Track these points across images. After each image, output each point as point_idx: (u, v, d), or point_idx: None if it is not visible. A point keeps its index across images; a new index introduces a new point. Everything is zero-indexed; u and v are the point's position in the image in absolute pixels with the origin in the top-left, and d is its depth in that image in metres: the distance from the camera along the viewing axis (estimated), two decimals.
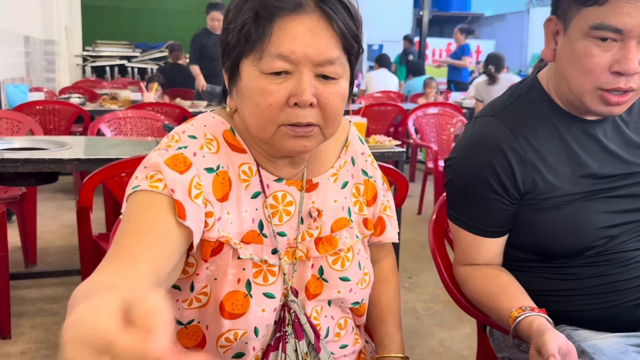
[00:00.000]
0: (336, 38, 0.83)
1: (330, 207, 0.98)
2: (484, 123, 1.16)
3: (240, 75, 0.85)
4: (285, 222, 0.94)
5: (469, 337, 2.51)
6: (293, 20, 0.80)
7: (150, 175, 0.82)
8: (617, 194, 1.12)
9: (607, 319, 1.11)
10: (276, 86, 0.81)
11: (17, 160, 2.11)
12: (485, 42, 13.13)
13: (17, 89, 4.41)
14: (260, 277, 0.90)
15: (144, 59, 11.31)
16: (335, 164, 1.02)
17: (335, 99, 0.84)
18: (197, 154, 0.86)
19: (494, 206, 1.13)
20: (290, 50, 0.80)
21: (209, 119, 0.94)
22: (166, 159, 0.83)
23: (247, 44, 0.82)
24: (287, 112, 0.82)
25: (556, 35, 1.10)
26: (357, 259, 0.99)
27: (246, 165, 0.92)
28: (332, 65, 0.83)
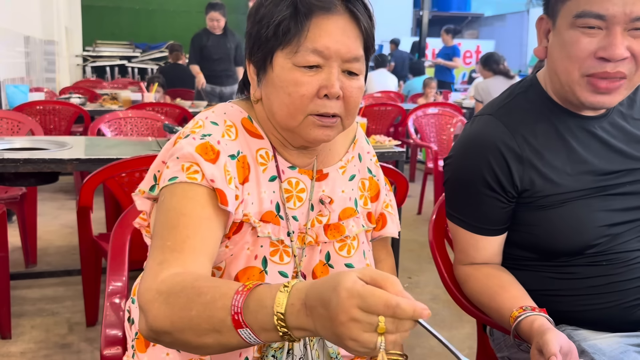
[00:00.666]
0: (361, 38, 0.92)
1: (338, 196, 1.04)
2: (482, 122, 1.16)
3: (272, 66, 0.91)
4: (297, 208, 0.99)
5: (469, 337, 2.51)
6: (328, 19, 0.89)
7: (187, 167, 0.87)
8: (618, 191, 1.12)
9: (608, 319, 1.11)
10: (309, 78, 0.89)
11: (18, 160, 2.12)
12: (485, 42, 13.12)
13: (17, 89, 4.41)
14: (277, 256, 0.95)
15: (144, 59, 11.31)
16: (344, 157, 1.08)
17: (357, 92, 0.93)
18: (221, 142, 0.92)
19: (491, 204, 1.13)
20: (325, 46, 0.88)
21: (228, 108, 1.00)
22: (197, 148, 0.88)
23: (284, 38, 0.89)
24: (317, 102, 0.90)
25: (547, 34, 1.11)
26: (362, 247, 1.05)
27: (263, 150, 0.98)
28: (357, 62, 0.91)
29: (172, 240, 0.82)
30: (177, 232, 0.82)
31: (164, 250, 0.81)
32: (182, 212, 0.84)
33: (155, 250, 0.83)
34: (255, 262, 0.93)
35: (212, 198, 0.86)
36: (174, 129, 2.76)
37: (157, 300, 0.74)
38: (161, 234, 0.84)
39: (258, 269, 0.93)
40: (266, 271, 0.93)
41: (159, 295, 0.74)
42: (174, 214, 0.84)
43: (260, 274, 0.92)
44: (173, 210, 0.85)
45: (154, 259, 0.81)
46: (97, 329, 2.43)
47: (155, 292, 0.75)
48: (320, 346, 0.97)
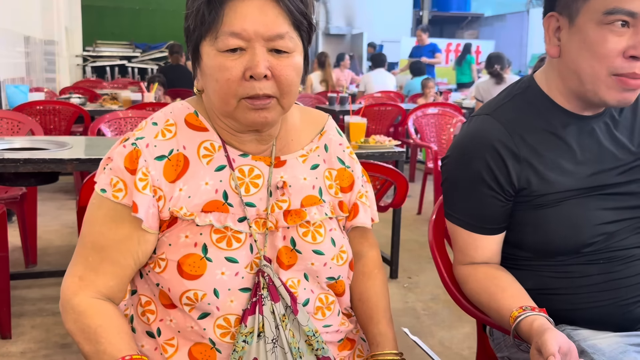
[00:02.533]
0: (284, 15, 0.90)
1: (299, 183, 1.03)
2: (479, 121, 1.16)
3: (201, 56, 0.93)
4: (253, 194, 0.99)
5: (468, 337, 2.51)
6: (242, 2, 0.89)
7: (114, 182, 0.94)
8: (614, 191, 1.12)
9: (607, 317, 1.11)
10: (232, 62, 0.89)
11: (18, 160, 2.12)
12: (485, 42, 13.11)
13: (17, 89, 4.42)
14: (224, 242, 0.95)
15: (144, 59, 11.32)
16: (306, 147, 1.08)
17: (288, 70, 0.91)
18: (150, 144, 0.95)
19: (490, 203, 1.13)
20: (242, 27, 0.88)
21: (176, 105, 1.03)
22: (125, 158, 0.94)
23: (203, 27, 0.90)
24: (245, 85, 0.90)
25: (557, 32, 1.10)
26: (329, 235, 1.03)
27: (208, 142, 0.99)
28: (281, 39, 0.90)
29: (92, 258, 0.95)
30: (96, 253, 0.95)
31: (85, 266, 0.95)
32: (103, 233, 0.95)
33: (80, 257, 0.96)
34: (195, 249, 0.94)
35: (128, 213, 0.93)
36: None
37: (69, 314, 0.94)
38: (84, 243, 0.96)
39: (199, 256, 0.93)
40: (208, 258, 0.93)
41: (72, 312, 0.93)
42: (98, 233, 0.95)
43: (202, 261, 0.93)
44: (97, 226, 0.95)
45: (77, 267, 0.96)
46: None
47: (70, 309, 0.94)
48: (294, 326, 0.98)
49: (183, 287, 0.93)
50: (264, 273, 0.96)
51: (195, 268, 0.93)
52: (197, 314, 0.95)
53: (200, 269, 0.93)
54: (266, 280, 0.96)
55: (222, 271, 0.94)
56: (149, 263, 0.98)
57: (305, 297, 1.00)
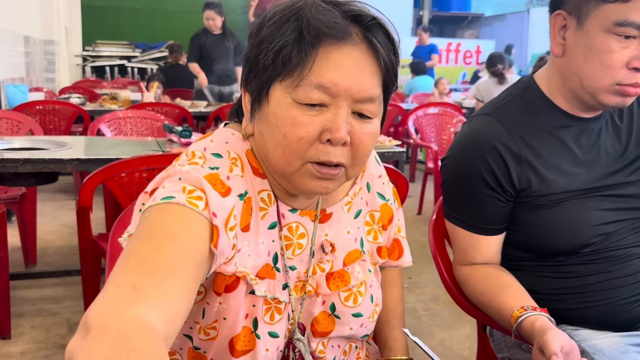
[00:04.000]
0: (379, 74, 0.77)
1: (343, 239, 0.92)
2: (480, 121, 1.16)
3: (268, 99, 0.77)
4: (296, 256, 0.87)
5: (469, 337, 2.51)
6: (339, 50, 0.74)
7: (189, 190, 0.72)
8: (612, 192, 1.12)
9: (606, 316, 1.12)
10: (310, 118, 0.74)
11: (17, 160, 2.11)
12: (485, 42, 13.11)
13: (17, 89, 4.41)
14: (268, 315, 0.84)
15: (144, 59, 11.31)
16: (350, 191, 0.95)
17: (369, 139, 0.78)
18: (230, 177, 0.78)
19: (490, 203, 1.13)
20: (333, 81, 0.74)
21: (228, 135, 0.86)
22: (205, 175, 0.74)
23: (283, 67, 0.74)
24: (318, 148, 0.75)
25: (563, 30, 1.09)
26: (369, 292, 0.94)
27: (265, 193, 0.84)
28: (372, 103, 0.77)
29: (153, 262, 0.64)
30: (161, 256, 0.65)
31: (141, 271, 0.63)
32: (172, 233, 0.67)
33: (128, 266, 0.64)
34: (246, 322, 0.82)
35: (208, 234, 0.71)
36: (173, 129, 2.76)
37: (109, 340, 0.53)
38: (139, 250, 0.66)
39: (249, 329, 0.82)
40: (257, 334, 0.83)
41: (117, 334, 0.54)
42: (162, 233, 0.67)
43: (252, 335, 0.82)
44: (161, 228, 0.67)
45: (126, 276, 0.62)
46: None
47: (115, 330, 0.54)
48: None
49: None
50: (295, 347, 0.87)
51: (245, 343, 0.83)
52: None
53: (250, 344, 0.83)
54: (296, 355, 0.88)
55: (267, 347, 0.84)
56: (194, 321, 0.83)
57: (332, 355, 0.94)
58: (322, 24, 0.73)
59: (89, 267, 2.28)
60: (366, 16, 0.76)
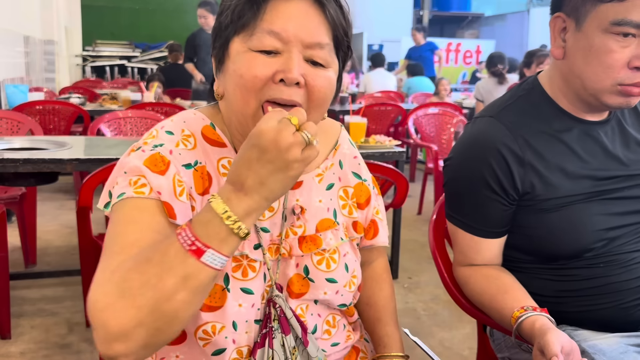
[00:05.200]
0: (327, 26, 0.85)
1: (315, 206, 0.97)
2: (483, 123, 1.15)
3: (229, 54, 0.85)
4: (267, 218, 0.93)
5: (469, 337, 2.51)
6: (287, 2, 0.83)
7: (134, 180, 0.81)
8: (616, 195, 1.12)
9: (606, 320, 1.11)
10: (263, 61, 0.82)
11: (17, 160, 2.11)
12: (485, 42, 13.11)
13: (17, 89, 4.41)
14: (240, 272, 0.88)
15: (144, 59, 11.31)
16: (322, 165, 1.01)
17: (323, 82, 0.84)
18: (173, 151, 0.86)
19: (493, 206, 1.12)
20: (282, 27, 0.81)
21: (189, 115, 0.94)
22: (145, 160, 0.83)
23: (239, 21, 0.83)
24: (272, 87, 0.82)
25: (563, 32, 1.09)
26: (343, 260, 0.97)
27: (226, 160, 0.91)
28: (321, 49, 0.84)
29: (118, 245, 0.76)
30: (124, 238, 0.77)
31: (111, 257, 0.75)
32: (129, 220, 0.79)
33: (101, 263, 0.76)
34: (217, 279, 0.83)
35: (161, 212, 0.81)
36: None
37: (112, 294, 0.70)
38: (107, 244, 0.78)
39: (220, 286, 0.86)
40: (228, 289, 0.86)
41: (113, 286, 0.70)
42: (122, 224, 0.79)
43: (223, 292, 0.86)
44: (120, 221, 0.80)
45: (100, 270, 0.75)
46: None
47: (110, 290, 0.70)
48: (304, 357, 0.93)
49: (200, 320, 0.85)
50: (275, 304, 0.91)
51: (215, 299, 0.86)
52: (212, 349, 0.88)
53: (220, 300, 0.86)
54: (277, 311, 0.91)
55: (239, 303, 0.87)
56: None
57: (313, 323, 0.96)
58: None
59: (88, 267, 2.28)
60: None
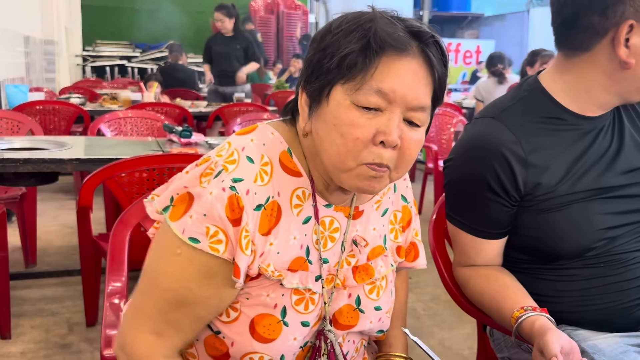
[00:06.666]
0: (432, 86, 0.83)
1: (370, 235, 0.97)
2: (485, 124, 1.15)
3: (328, 100, 0.82)
4: (329, 249, 0.92)
5: (469, 337, 2.51)
6: (400, 60, 0.79)
7: (212, 233, 0.80)
8: (617, 194, 1.11)
9: (607, 320, 1.11)
10: (366, 120, 0.79)
11: (17, 160, 2.11)
12: (485, 42, 13.10)
13: (17, 89, 4.41)
14: (302, 305, 0.88)
15: (144, 59, 11.31)
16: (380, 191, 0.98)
17: (415, 145, 0.83)
18: (250, 191, 0.83)
19: (494, 208, 1.12)
20: (391, 88, 0.79)
21: (267, 136, 0.90)
22: (226, 207, 0.80)
23: (348, 71, 0.79)
24: (371, 149, 0.80)
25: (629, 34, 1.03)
26: (389, 287, 0.99)
27: (300, 190, 0.89)
28: (422, 112, 0.82)
29: (173, 314, 0.83)
30: (179, 309, 0.83)
31: (165, 320, 0.84)
32: (192, 289, 0.82)
33: (155, 312, 0.84)
34: (274, 311, 0.86)
35: (229, 272, 0.82)
36: (173, 129, 2.76)
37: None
38: (164, 297, 0.83)
39: (276, 318, 0.86)
40: (285, 322, 0.86)
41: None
42: (185, 289, 0.82)
43: (278, 324, 0.86)
44: (185, 282, 0.82)
45: (150, 319, 0.84)
46: (97, 329, 2.42)
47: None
48: None
49: (250, 347, 0.86)
50: (326, 338, 0.91)
51: (269, 331, 0.86)
52: None
53: (275, 332, 0.86)
54: (328, 346, 0.91)
55: (295, 336, 0.87)
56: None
57: (346, 350, 0.97)
58: (388, 36, 0.79)
59: (89, 267, 2.28)
60: (425, 33, 0.82)
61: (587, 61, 1.09)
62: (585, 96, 1.12)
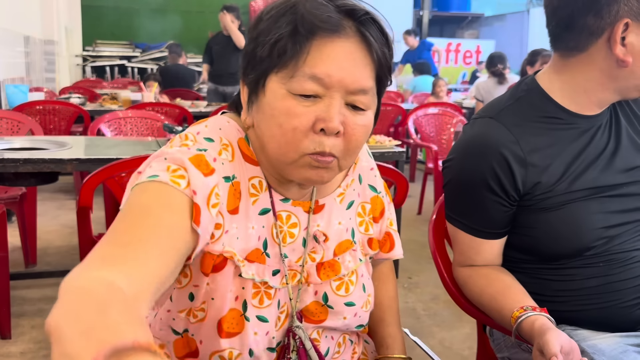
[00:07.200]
0: (372, 67, 0.79)
1: (334, 229, 0.94)
2: (483, 124, 1.15)
3: (264, 91, 0.79)
4: (288, 244, 0.89)
5: (469, 337, 2.51)
6: (332, 42, 0.76)
7: (173, 168, 0.75)
8: (615, 193, 1.12)
9: (606, 319, 1.11)
10: (304, 108, 0.76)
11: (17, 160, 2.11)
12: (485, 42, 13.10)
13: (17, 89, 4.41)
14: (257, 299, 0.85)
15: (144, 59, 11.30)
16: (343, 183, 0.96)
17: (360, 130, 0.79)
18: (217, 159, 0.81)
19: (493, 208, 1.12)
20: (326, 72, 0.75)
21: (223, 122, 0.87)
22: (190, 157, 0.77)
23: (279, 59, 0.76)
24: (312, 138, 0.77)
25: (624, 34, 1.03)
26: (360, 281, 0.95)
27: (256, 179, 0.86)
28: (364, 95, 0.78)
29: (128, 236, 0.68)
30: (135, 230, 0.69)
31: (114, 244, 0.68)
32: (150, 211, 0.71)
33: (102, 243, 0.68)
34: (236, 304, 0.83)
35: (188, 211, 0.74)
36: (173, 129, 2.76)
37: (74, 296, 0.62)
38: (116, 227, 0.70)
39: (239, 312, 0.83)
40: (246, 317, 0.84)
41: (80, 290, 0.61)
42: (140, 211, 0.71)
43: (241, 318, 0.83)
44: (140, 206, 0.72)
45: (98, 250, 0.67)
46: None
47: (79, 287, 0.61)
48: None
49: (217, 345, 0.84)
50: (294, 335, 0.89)
51: (234, 325, 0.83)
52: None
53: (238, 326, 0.84)
54: (297, 342, 0.89)
55: (255, 331, 0.85)
56: (178, 310, 0.86)
57: (326, 346, 0.95)
58: (316, 18, 0.75)
59: None
60: (359, 10, 0.78)
61: (583, 61, 1.09)
62: (583, 96, 1.12)
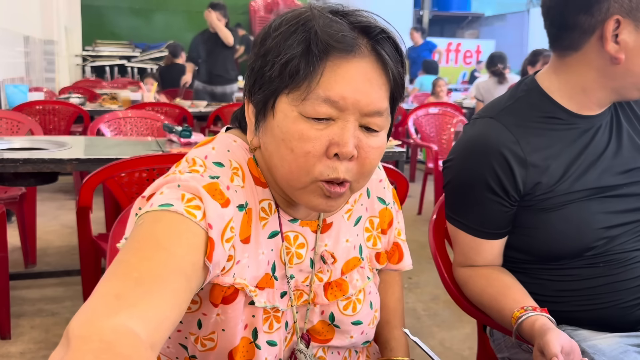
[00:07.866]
0: (387, 87, 0.76)
1: (342, 247, 0.91)
2: (484, 124, 1.15)
3: (274, 112, 0.75)
4: (296, 265, 0.86)
5: (469, 337, 2.51)
6: (347, 63, 0.72)
7: (188, 198, 0.70)
8: (616, 193, 1.12)
9: (607, 319, 1.11)
10: (317, 132, 0.72)
11: (17, 160, 2.11)
12: (485, 42, 13.10)
13: (17, 89, 4.41)
14: (267, 324, 0.83)
15: (144, 59, 11.30)
16: (350, 199, 0.92)
17: (375, 153, 0.76)
18: (230, 187, 0.77)
19: (494, 208, 1.12)
20: (341, 95, 0.71)
21: (230, 143, 0.83)
22: (204, 185, 0.73)
23: (291, 80, 0.72)
24: (326, 163, 0.73)
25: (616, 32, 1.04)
26: (368, 299, 0.93)
27: (266, 202, 0.83)
28: (379, 117, 0.75)
29: (140, 272, 0.63)
30: (149, 266, 0.63)
31: (126, 280, 0.62)
32: (163, 245, 0.66)
33: (114, 276, 0.63)
34: (245, 333, 0.81)
35: (202, 246, 0.69)
36: (173, 129, 2.76)
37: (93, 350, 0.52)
38: (128, 260, 0.64)
39: (248, 340, 0.81)
40: (257, 344, 0.81)
41: (100, 344, 0.53)
42: (153, 244, 0.66)
43: (251, 345, 0.81)
44: (153, 238, 0.66)
45: (110, 285, 0.61)
46: None
47: (98, 340, 0.53)
48: None
49: None
50: (296, 359, 0.87)
51: (244, 354, 0.81)
52: None
53: (249, 354, 0.82)
54: None
55: (266, 357, 0.83)
56: (189, 332, 0.83)
57: None
58: (331, 37, 0.71)
59: (88, 267, 2.28)
60: (375, 28, 0.74)
61: (579, 60, 1.10)
62: (582, 95, 1.12)
